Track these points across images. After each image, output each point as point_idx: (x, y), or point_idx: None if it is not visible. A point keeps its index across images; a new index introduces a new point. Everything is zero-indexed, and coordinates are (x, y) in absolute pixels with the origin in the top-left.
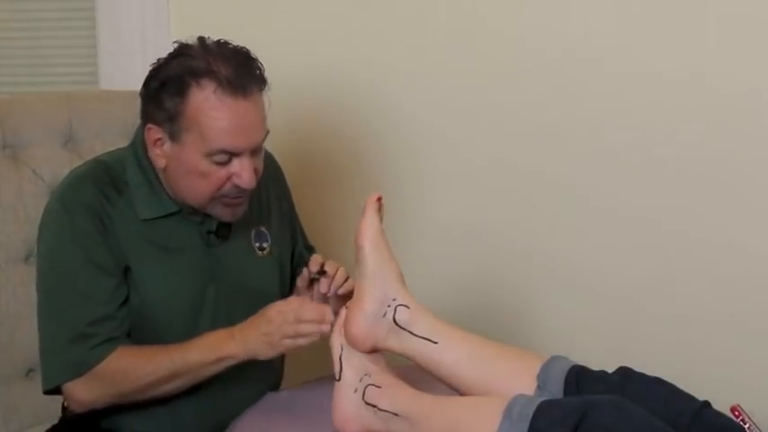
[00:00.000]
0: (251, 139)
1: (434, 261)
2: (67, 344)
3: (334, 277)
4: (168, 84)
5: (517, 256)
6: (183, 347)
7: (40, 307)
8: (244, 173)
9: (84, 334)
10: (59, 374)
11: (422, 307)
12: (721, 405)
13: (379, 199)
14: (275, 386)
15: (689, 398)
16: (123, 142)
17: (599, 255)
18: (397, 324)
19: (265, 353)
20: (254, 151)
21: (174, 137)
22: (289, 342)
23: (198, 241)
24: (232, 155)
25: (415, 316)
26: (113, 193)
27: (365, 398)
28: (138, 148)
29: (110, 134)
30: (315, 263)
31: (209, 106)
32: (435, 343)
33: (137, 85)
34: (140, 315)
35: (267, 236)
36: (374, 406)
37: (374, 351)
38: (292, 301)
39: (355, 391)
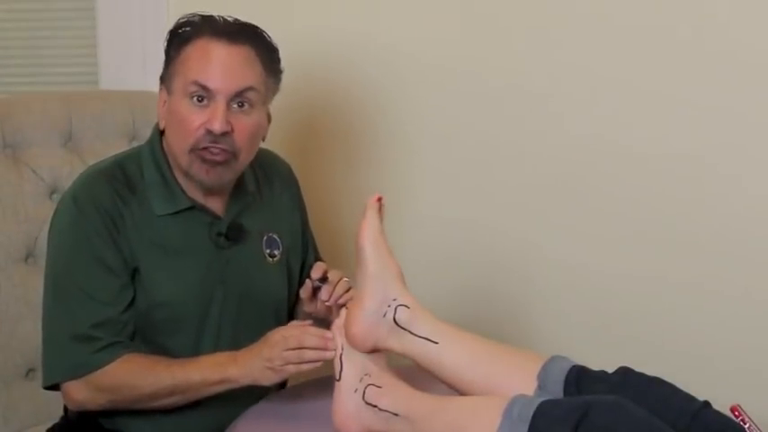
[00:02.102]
0: (226, 81)
1: (434, 261)
2: (69, 343)
3: (335, 286)
4: (175, 37)
5: (517, 256)
6: (185, 364)
7: (45, 300)
8: (215, 118)
9: (86, 336)
10: (59, 373)
11: (422, 307)
12: (721, 405)
13: (380, 199)
14: (278, 387)
15: (689, 398)
16: (123, 142)
17: (599, 254)
18: (397, 324)
19: (268, 378)
20: (233, 102)
21: (168, 88)
22: (292, 368)
23: (208, 243)
24: (207, 93)
25: (415, 316)
26: (127, 192)
27: (365, 398)
28: (155, 143)
29: (110, 134)
30: (318, 270)
31: (196, 50)
32: (436, 343)
33: (137, 85)
34: (148, 316)
35: (279, 243)
36: (374, 406)
37: (374, 351)
38: (293, 327)
39: (355, 390)
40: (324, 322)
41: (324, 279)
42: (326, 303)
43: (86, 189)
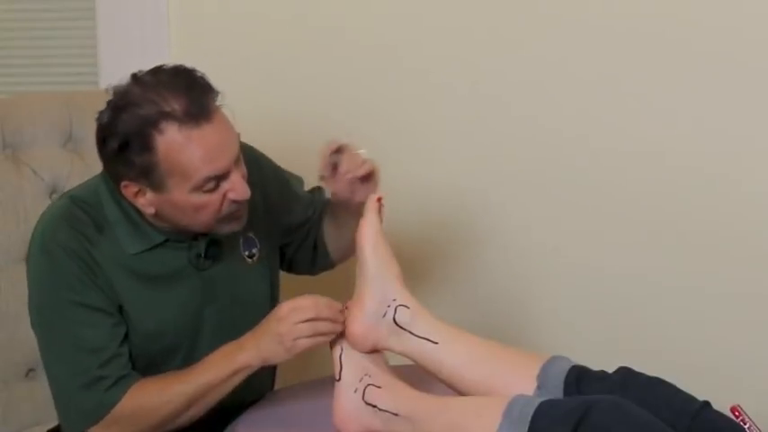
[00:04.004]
0: (230, 155)
1: (433, 261)
2: (80, 390)
3: (352, 156)
4: (129, 142)
5: (517, 256)
6: (194, 370)
7: (43, 354)
8: (236, 187)
9: (94, 378)
10: (79, 422)
11: (422, 307)
12: (721, 405)
13: (380, 200)
14: (270, 386)
15: (689, 398)
16: None
17: (599, 255)
18: (397, 324)
19: (280, 355)
20: (236, 162)
21: (155, 187)
22: (305, 342)
23: (188, 267)
24: (219, 178)
25: (415, 316)
26: (93, 233)
27: (365, 398)
28: (111, 181)
29: None
30: (333, 144)
31: (179, 146)
32: (435, 343)
33: None
34: (143, 348)
35: (255, 240)
36: (374, 406)
37: (374, 351)
38: (303, 298)
39: (355, 390)
40: (347, 208)
41: (340, 150)
42: (347, 176)
43: (50, 235)
